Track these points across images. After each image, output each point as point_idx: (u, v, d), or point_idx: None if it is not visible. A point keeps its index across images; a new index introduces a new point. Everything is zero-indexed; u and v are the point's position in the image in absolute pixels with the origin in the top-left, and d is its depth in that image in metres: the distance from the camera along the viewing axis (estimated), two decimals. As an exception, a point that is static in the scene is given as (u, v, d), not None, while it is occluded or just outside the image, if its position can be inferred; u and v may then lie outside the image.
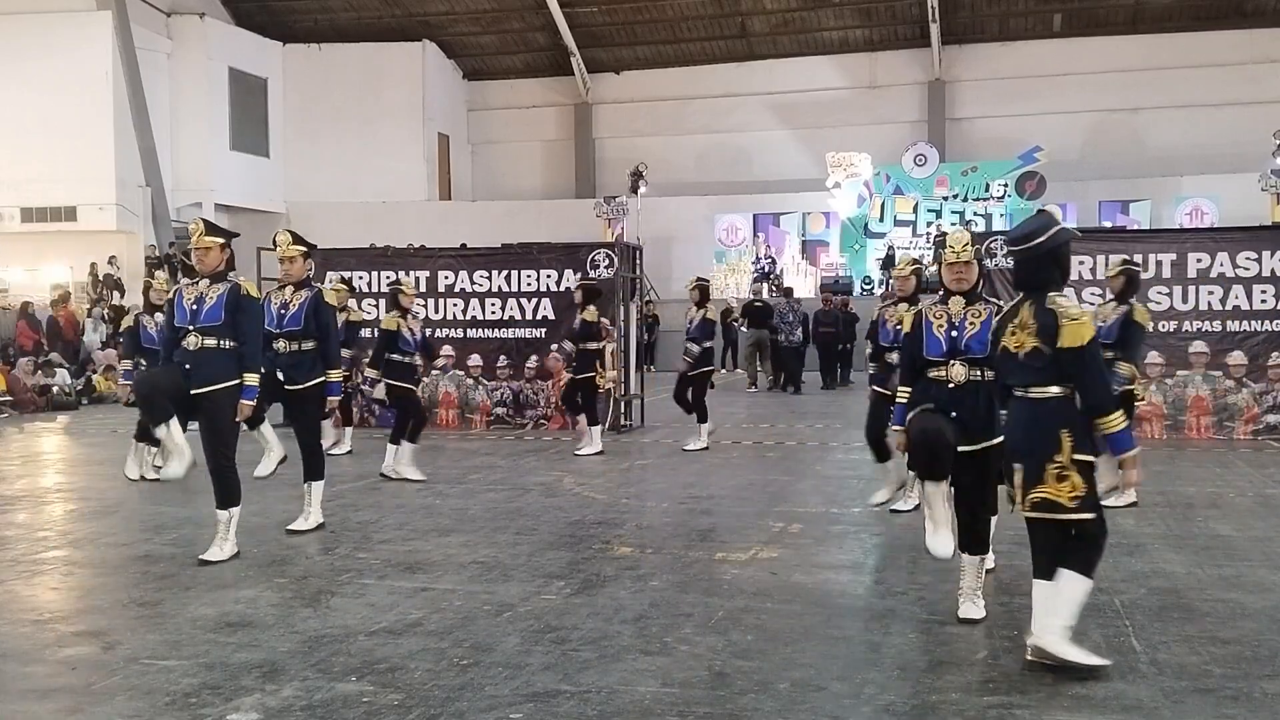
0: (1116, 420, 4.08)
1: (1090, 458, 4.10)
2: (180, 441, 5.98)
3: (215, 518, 6.12)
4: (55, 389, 16.86)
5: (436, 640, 4.60)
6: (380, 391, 9.43)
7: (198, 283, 6.16)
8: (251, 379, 6.07)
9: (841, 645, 4.55)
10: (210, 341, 6.00)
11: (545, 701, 3.89)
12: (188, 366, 5.99)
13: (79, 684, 4.13)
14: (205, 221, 6.25)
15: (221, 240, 6.18)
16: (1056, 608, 4.10)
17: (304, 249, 7.10)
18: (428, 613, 5.02)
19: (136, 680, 4.14)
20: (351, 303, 11.41)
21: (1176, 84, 25.84)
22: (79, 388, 17.45)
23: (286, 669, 4.25)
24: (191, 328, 6.02)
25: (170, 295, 6.40)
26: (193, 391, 5.94)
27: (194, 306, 6.05)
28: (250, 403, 6.09)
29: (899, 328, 6.33)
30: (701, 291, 11.17)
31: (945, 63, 27.51)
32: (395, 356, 9.04)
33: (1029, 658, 4.18)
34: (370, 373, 9.38)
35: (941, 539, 4.72)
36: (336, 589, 5.49)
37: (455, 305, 12.87)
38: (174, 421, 5.96)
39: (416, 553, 6.31)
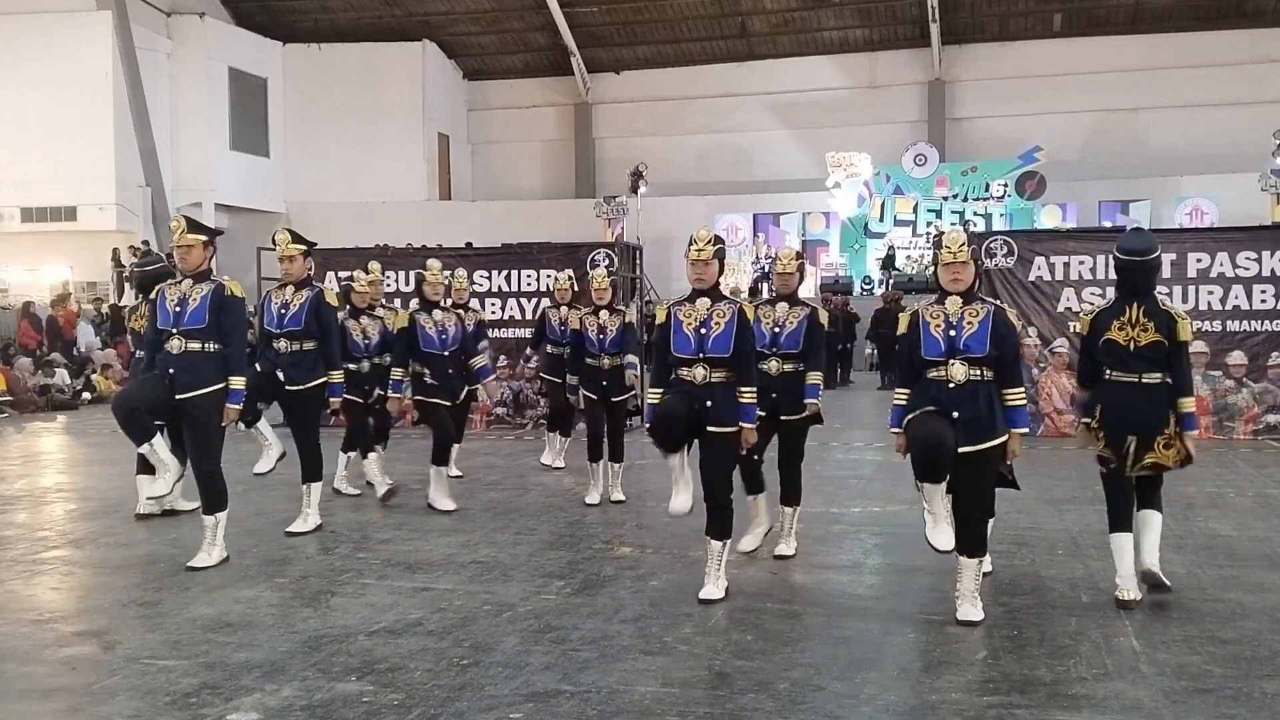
0: (1192, 403, 5.08)
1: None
2: (166, 458, 5.87)
3: (202, 523, 6.01)
4: (55, 389, 16.87)
5: (436, 640, 4.60)
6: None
7: (180, 283, 5.92)
8: (237, 383, 5.86)
9: (841, 645, 4.55)
10: (194, 345, 5.77)
11: (545, 701, 3.89)
12: (171, 371, 5.76)
13: (79, 684, 4.13)
14: (187, 219, 6.01)
15: (205, 238, 5.95)
16: (1156, 541, 5.20)
17: (304, 248, 6.96)
18: (428, 613, 5.02)
19: (136, 680, 4.14)
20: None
21: (1176, 84, 25.84)
22: (79, 387, 17.46)
23: (286, 669, 4.25)
24: (175, 330, 5.78)
25: (153, 296, 6.14)
26: (178, 397, 5.74)
27: (177, 308, 5.81)
28: (236, 407, 5.88)
29: (685, 328, 5.19)
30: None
31: (945, 63, 27.51)
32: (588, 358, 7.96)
33: (1145, 578, 5.09)
34: (570, 379, 8.34)
35: (942, 532, 4.75)
36: (336, 589, 5.49)
37: (455, 305, 12.89)
38: (158, 439, 5.85)
39: (416, 553, 6.31)
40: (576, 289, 9.26)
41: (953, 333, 4.77)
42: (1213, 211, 24.38)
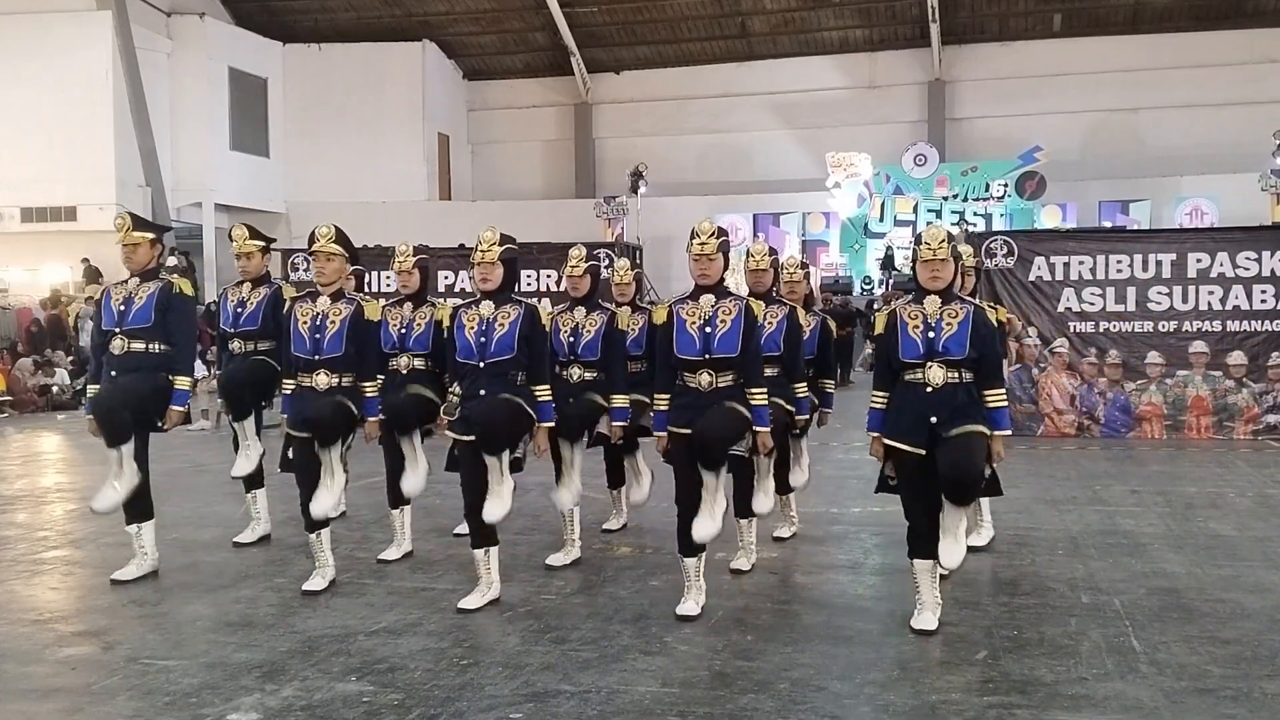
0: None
1: None
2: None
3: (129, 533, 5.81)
4: (55, 389, 16.87)
5: (436, 640, 4.60)
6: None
7: (126, 282, 5.72)
8: (182, 383, 5.65)
9: (841, 645, 4.54)
10: (138, 345, 5.56)
11: (545, 701, 3.88)
12: (114, 373, 5.57)
13: (79, 684, 4.13)
14: (132, 215, 5.82)
15: (151, 235, 5.75)
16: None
17: (261, 244, 6.59)
18: (428, 613, 5.02)
19: (136, 680, 4.14)
20: None
21: (1176, 84, 25.82)
22: (78, 387, 17.46)
23: (286, 669, 4.25)
24: (119, 330, 5.56)
25: (98, 296, 5.93)
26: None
27: (121, 307, 5.59)
28: (181, 409, 5.68)
29: (689, 327, 4.90)
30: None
31: (945, 63, 27.49)
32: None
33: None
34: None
35: (926, 620, 4.70)
36: (336, 589, 5.49)
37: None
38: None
39: (416, 553, 6.31)
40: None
41: (931, 334, 4.60)
42: (1213, 211, 24.38)
